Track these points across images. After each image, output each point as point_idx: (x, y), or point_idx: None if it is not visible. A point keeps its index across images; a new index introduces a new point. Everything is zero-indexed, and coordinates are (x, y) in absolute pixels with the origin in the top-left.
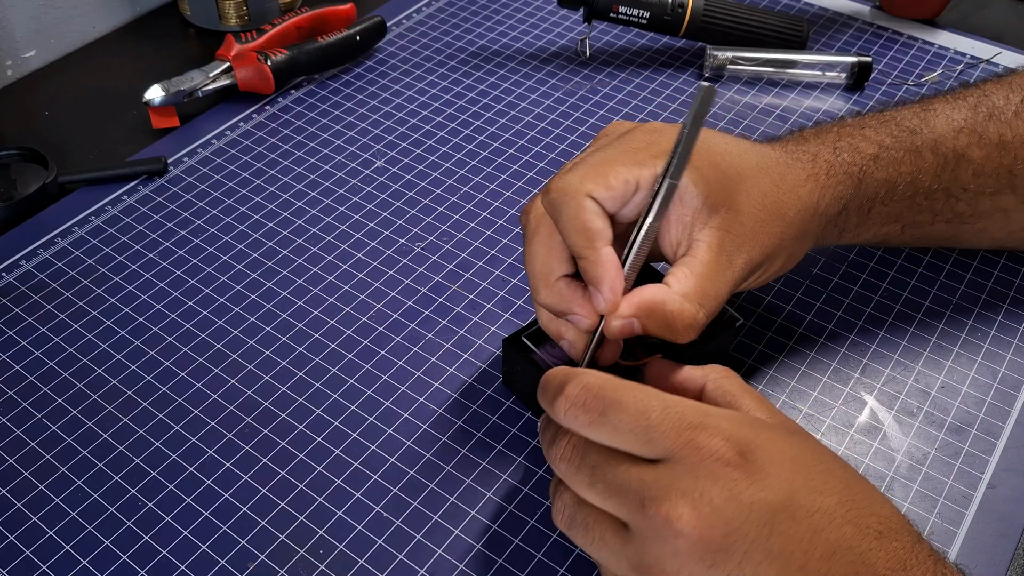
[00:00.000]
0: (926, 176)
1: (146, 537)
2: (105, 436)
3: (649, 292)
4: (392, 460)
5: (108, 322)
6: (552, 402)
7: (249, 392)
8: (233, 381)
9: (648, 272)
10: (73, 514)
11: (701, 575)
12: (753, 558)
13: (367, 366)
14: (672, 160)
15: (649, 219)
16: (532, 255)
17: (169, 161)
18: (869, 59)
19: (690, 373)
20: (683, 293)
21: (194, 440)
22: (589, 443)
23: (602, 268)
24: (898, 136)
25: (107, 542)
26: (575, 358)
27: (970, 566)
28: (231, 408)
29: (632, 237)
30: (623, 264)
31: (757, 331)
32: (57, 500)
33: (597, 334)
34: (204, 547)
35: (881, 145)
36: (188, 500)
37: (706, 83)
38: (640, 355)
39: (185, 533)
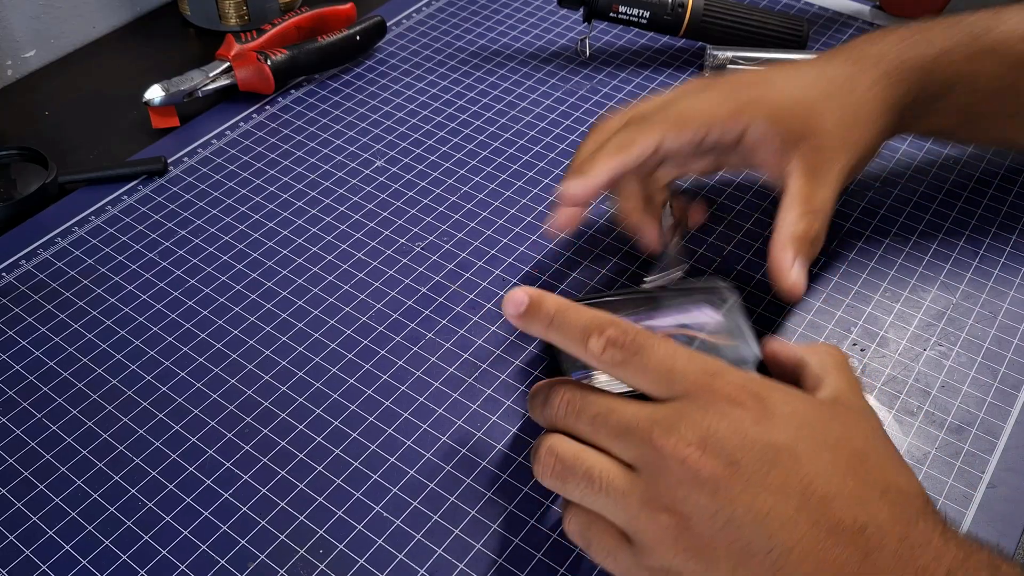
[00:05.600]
0: (984, 79)
1: (146, 537)
2: (105, 436)
3: (775, 241)
4: (392, 460)
5: (108, 322)
6: (586, 341)
7: (249, 392)
8: (233, 381)
9: None
10: (73, 514)
11: (706, 502)
12: (752, 489)
13: (367, 366)
14: None
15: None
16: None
17: (169, 161)
18: None
19: (795, 350)
20: (793, 220)
21: (194, 440)
22: (590, 390)
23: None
24: (961, 40)
25: (107, 542)
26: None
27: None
28: (231, 408)
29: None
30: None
31: (757, 331)
32: (57, 500)
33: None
34: (204, 547)
35: (942, 49)
36: (188, 500)
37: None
38: None
39: (185, 533)
